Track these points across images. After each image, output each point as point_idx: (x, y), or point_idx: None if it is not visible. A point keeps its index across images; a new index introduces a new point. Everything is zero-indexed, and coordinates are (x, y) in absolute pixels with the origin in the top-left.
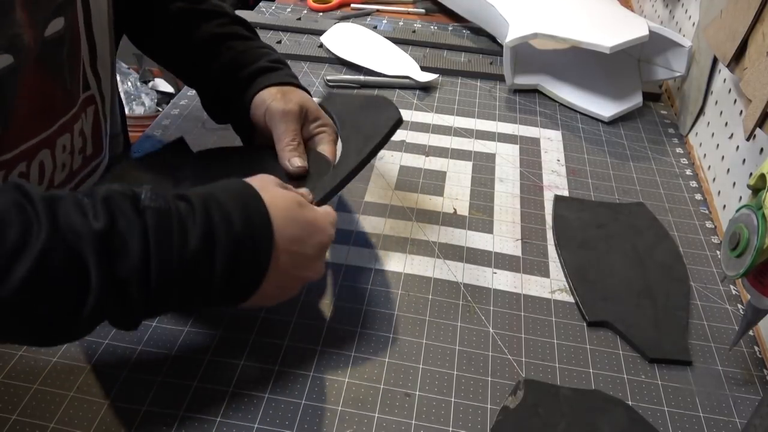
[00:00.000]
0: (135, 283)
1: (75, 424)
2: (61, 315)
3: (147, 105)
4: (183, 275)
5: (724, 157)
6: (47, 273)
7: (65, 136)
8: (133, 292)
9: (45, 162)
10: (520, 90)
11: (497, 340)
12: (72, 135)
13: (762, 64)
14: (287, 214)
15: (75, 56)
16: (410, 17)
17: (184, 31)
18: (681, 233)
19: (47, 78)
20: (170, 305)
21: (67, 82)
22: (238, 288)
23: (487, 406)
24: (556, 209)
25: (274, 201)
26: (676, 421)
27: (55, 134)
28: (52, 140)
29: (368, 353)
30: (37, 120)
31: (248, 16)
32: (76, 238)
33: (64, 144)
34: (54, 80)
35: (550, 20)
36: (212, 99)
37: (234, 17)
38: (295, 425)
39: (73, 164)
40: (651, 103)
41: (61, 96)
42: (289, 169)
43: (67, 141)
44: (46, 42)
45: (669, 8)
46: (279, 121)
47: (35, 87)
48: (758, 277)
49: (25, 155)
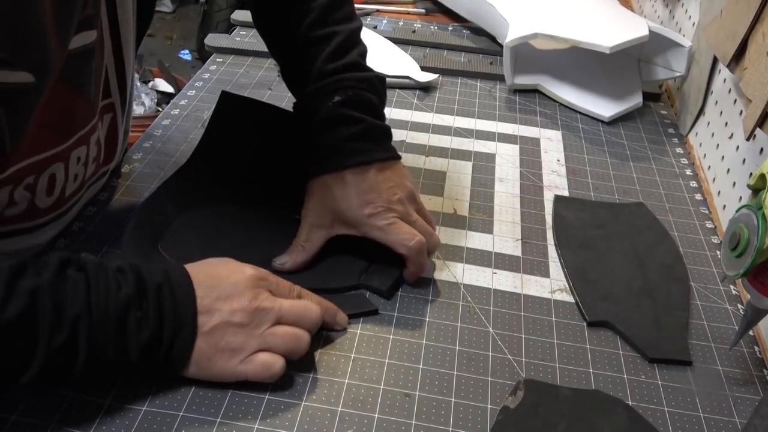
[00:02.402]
0: (83, 320)
1: (75, 424)
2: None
3: (147, 105)
4: (119, 313)
5: (724, 157)
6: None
7: (81, 149)
8: (81, 330)
9: (57, 175)
10: (520, 90)
11: (497, 340)
12: (88, 146)
13: (762, 64)
14: (202, 263)
15: (99, 65)
16: (410, 17)
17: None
18: (681, 233)
19: (69, 92)
20: (109, 351)
21: (91, 93)
22: (169, 335)
23: (487, 406)
24: (556, 209)
25: (193, 264)
26: (676, 421)
27: (71, 147)
28: (66, 153)
29: (368, 354)
30: (52, 134)
31: (248, 16)
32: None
33: (79, 156)
34: (77, 94)
35: (550, 20)
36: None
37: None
38: (295, 426)
39: (86, 174)
40: (651, 103)
41: (82, 109)
42: (275, 264)
43: (82, 153)
44: (71, 56)
45: (669, 8)
46: (302, 217)
47: (54, 102)
48: (758, 277)
49: (33, 168)
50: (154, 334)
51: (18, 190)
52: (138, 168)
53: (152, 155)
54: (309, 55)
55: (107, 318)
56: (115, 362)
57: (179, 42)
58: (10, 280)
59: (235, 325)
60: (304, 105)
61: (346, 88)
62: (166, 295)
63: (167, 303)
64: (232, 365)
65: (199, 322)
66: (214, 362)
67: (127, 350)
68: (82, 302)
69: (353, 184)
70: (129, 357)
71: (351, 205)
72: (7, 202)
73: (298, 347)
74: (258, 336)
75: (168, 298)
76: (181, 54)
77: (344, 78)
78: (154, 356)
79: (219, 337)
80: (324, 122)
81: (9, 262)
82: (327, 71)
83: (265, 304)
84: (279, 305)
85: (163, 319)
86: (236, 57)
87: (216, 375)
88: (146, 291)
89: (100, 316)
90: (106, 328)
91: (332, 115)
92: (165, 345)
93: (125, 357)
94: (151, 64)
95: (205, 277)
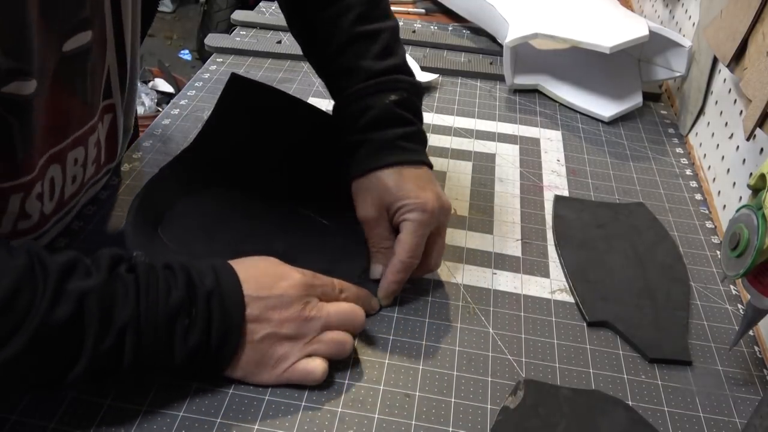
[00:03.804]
0: (131, 326)
1: (75, 424)
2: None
3: (147, 105)
4: (167, 320)
5: (724, 157)
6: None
7: (77, 150)
8: (128, 336)
9: (55, 177)
10: (520, 90)
11: (497, 341)
12: (86, 148)
13: (762, 64)
14: (250, 265)
15: (100, 66)
16: (410, 17)
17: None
18: (681, 233)
19: (63, 94)
20: (154, 356)
21: (88, 95)
22: (216, 343)
23: (487, 407)
24: (556, 209)
25: (240, 262)
26: (676, 421)
27: (66, 149)
28: (62, 155)
29: (368, 354)
30: (49, 137)
31: (248, 16)
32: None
33: (76, 157)
34: (71, 95)
35: (550, 20)
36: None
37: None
38: (295, 426)
39: (85, 176)
40: (651, 103)
41: (78, 110)
42: (373, 275)
43: (80, 154)
44: (65, 58)
45: (669, 8)
46: (361, 221)
47: (48, 105)
48: (758, 277)
49: (40, 174)
50: (201, 341)
51: (29, 200)
52: (138, 167)
53: (152, 154)
54: (355, 52)
55: (156, 325)
56: (160, 366)
57: (179, 42)
58: (59, 281)
59: (284, 336)
60: (351, 101)
61: (401, 89)
62: (215, 304)
63: (216, 312)
64: (277, 373)
65: (248, 330)
66: (259, 370)
67: (173, 356)
68: (132, 308)
69: (411, 178)
70: (174, 362)
71: (407, 192)
72: (18, 212)
73: (343, 352)
74: (305, 345)
75: (217, 308)
76: (181, 54)
77: (399, 79)
78: (199, 362)
79: (266, 346)
80: (379, 119)
81: (58, 260)
82: (378, 70)
83: (314, 313)
84: (326, 313)
85: (212, 328)
86: (236, 57)
87: (260, 381)
88: (196, 297)
89: (148, 323)
90: (154, 333)
91: (389, 113)
92: (211, 352)
93: (171, 362)
94: (151, 64)
95: (255, 285)
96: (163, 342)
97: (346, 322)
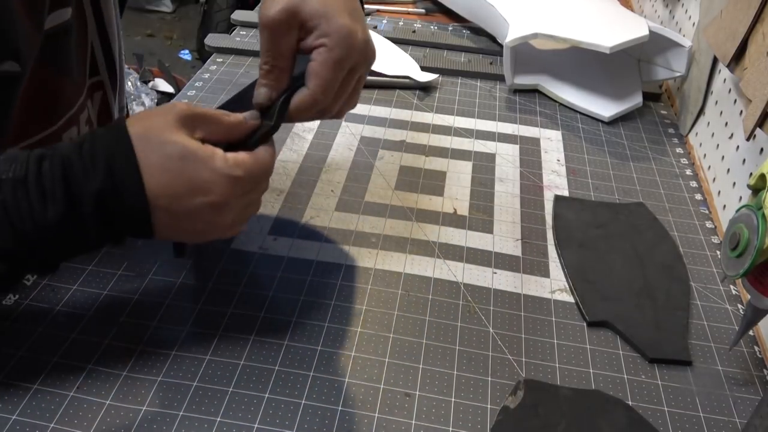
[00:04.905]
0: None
1: (75, 424)
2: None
3: (147, 105)
4: (51, 238)
5: (724, 157)
6: None
7: (72, 130)
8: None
9: None
10: (520, 90)
11: (497, 340)
12: (79, 126)
13: (762, 64)
14: (163, 167)
15: (83, 43)
16: (410, 17)
17: None
18: (681, 233)
19: (51, 74)
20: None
21: (75, 73)
22: (123, 233)
23: (487, 406)
24: (556, 209)
25: (149, 153)
26: (676, 421)
27: (60, 130)
28: (57, 136)
29: (368, 353)
30: (39, 118)
31: (248, 16)
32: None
33: (71, 137)
34: (59, 74)
35: (550, 20)
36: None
37: None
38: (295, 425)
39: None
40: (651, 103)
41: (67, 89)
42: (254, 100)
43: (74, 134)
44: (47, 36)
45: (669, 8)
46: (260, 31)
47: (37, 85)
48: (758, 277)
49: None
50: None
51: None
52: None
53: None
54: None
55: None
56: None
57: (179, 42)
58: None
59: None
60: None
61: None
62: (110, 209)
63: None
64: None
65: (157, 227)
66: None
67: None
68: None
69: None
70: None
71: (335, 14)
72: None
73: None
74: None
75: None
76: (181, 54)
77: None
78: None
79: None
80: None
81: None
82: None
83: (231, 217)
84: (242, 204)
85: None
86: (236, 57)
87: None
88: (81, 205)
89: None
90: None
91: None
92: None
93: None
94: (151, 64)
95: (165, 194)
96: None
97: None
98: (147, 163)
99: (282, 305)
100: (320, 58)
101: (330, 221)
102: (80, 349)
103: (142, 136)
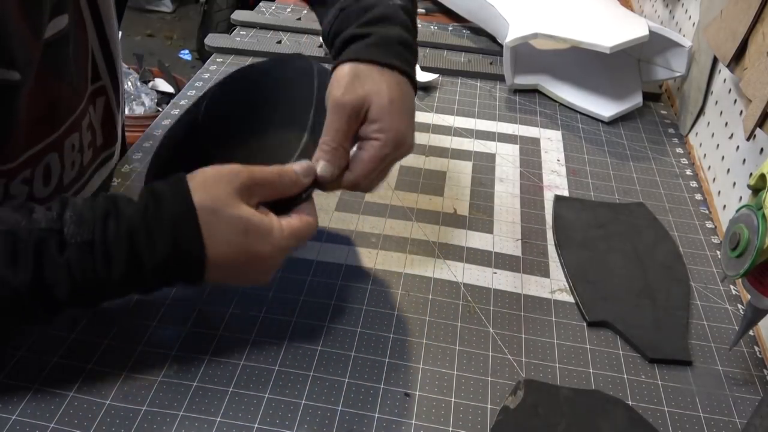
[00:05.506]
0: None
1: (75, 424)
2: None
3: (147, 105)
4: (108, 292)
5: (724, 157)
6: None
7: (73, 136)
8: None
9: (51, 165)
10: (520, 90)
11: (497, 340)
12: (80, 132)
13: (762, 64)
14: (226, 241)
15: (83, 50)
16: None
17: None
18: (681, 233)
19: (51, 81)
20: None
21: (74, 79)
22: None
23: (487, 406)
24: (556, 209)
25: (213, 226)
26: (676, 421)
27: (62, 136)
28: (59, 143)
29: (368, 353)
30: (42, 126)
31: (248, 16)
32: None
33: (73, 143)
34: (59, 81)
35: (550, 20)
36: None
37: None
38: (295, 425)
39: (83, 160)
40: (651, 103)
41: (67, 96)
42: (319, 172)
43: (75, 140)
44: (47, 44)
45: (669, 8)
46: (330, 111)
47: (39, 93)
48: (758, 277)
49: (29, 162)
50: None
51: (14, 185)
52: (138, 168)
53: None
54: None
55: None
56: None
57: (179, 42)
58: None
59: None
60: (351, 3)
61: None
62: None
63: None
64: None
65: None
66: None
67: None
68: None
69: (405, 100)
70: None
71: (396, 116)
72: (2, 195)
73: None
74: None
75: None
76: (181, 54)
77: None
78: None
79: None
80: (385, 16)
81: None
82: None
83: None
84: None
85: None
86: (236, 57)
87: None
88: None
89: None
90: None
91: (395, 13)
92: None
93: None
94: (151, 64)
95: (223, 275)
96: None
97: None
98: (210, 234)
99: (282, 305)
100: (372, 151)
101: (330, 221)
102: (80, 349)
103: (206, 207)
